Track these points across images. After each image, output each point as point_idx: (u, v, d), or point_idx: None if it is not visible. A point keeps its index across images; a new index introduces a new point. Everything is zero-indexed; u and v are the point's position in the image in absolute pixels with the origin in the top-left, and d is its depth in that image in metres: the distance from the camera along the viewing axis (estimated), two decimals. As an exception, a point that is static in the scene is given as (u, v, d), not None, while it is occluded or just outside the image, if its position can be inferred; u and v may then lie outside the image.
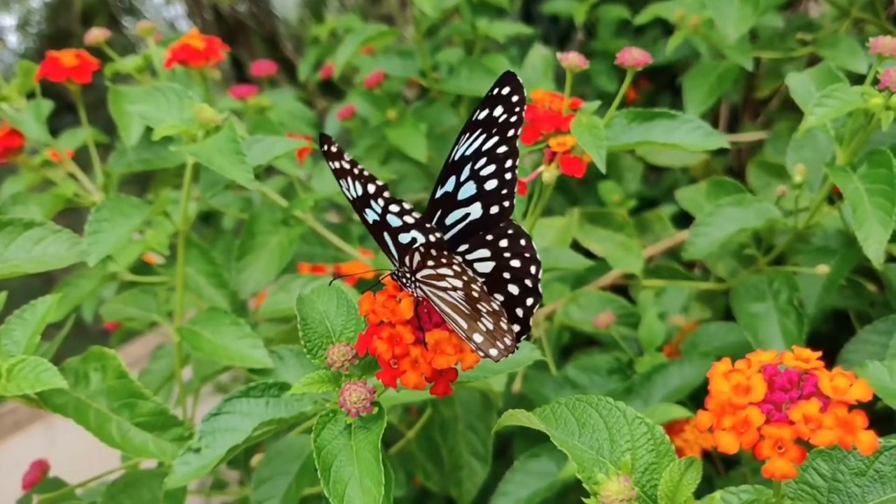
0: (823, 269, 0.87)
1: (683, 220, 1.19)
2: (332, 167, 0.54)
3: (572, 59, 0.75)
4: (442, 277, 0.53)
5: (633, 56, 0.74)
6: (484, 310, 0.53)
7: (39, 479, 0.90)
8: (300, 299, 0.62)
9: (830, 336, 1.21)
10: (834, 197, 0.90)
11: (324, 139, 0.53)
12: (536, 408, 0.53)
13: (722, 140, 0.78)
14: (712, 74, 1.15)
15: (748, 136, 1.43)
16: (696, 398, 0.99)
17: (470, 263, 0.57)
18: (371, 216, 0.55)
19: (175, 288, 0.89)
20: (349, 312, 0.61)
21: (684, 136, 0.79)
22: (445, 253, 0.52)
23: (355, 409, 0.54)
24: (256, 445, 0.89)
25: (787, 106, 1.52)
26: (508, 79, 0.57)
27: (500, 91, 0.57)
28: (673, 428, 0.91)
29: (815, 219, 0.87)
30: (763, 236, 0.98)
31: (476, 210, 0.58)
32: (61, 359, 0.75)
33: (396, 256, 0.56)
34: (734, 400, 0.42)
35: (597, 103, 0.80)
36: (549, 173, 0.77)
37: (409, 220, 0.54)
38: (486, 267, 0.57)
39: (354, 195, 0.55)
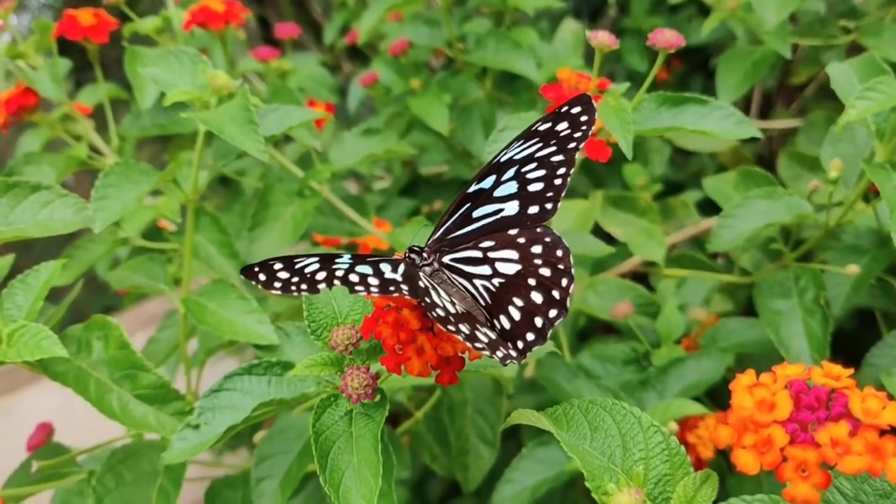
0: (853, 269, 0.84)
1: (709, 206, 1.15)
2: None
3: (602, 39, 0.71)
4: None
5: (666, 38, 0.70)
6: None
7: (44, 441, 0.89)
8: (307, 278, 0.60)
9: (853, 334, 1.18)
10: (869, 194, 0.86)
11: (584, 102, 0.55)
12: (547, 408, 0.51)
13: (753, 129, 0.75)
14: (748, 60, 1.10)
15: (781, 123, 1.39)
16: (713, 394, 0.97)
17: (492, 261, 0.55)
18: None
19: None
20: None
21: (715, 124, 0.75)
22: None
23: (356, 395, 0.52)
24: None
25: (823, 93, 1.47)
26: (582, 100, 0.56)
27: (569, 110, 0.56)
28: (687, 423, 0.88)
29: (848, 216, 0.84)
30: (791, 230, 0.95)
31: (512, 207, 0.56)
32: (83, 317, 0.74)
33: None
34: (757, 417, 0.39)
35: (625, 85, 0.77)
36: (572, 157, 0.74)
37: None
38: (511, 268, 0.55)
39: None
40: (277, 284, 0.50)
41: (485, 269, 0.55)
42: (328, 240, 1.20)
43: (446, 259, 0.56)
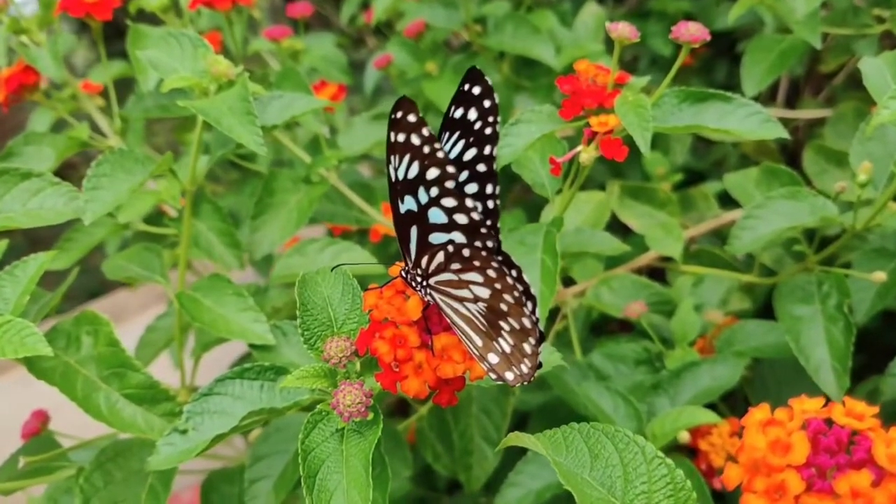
0: (880, 276, 0.80)
1: (730, 198, 1.11)
2: (394, 139, 0.46)
3: (622, 31, 0.67)
4: (464, 285, 0.47)
5: (690, 31, 0.66)
6: (507, 327, 0.47)
7: (38, 430, 0.87)
8: (302, 281, 0.57)
9: (877, 334, 1.14)
10: (898, 197, 0.82)
11: (403, 104, 0.45)
12: (546, 430, 0.48)
13: (779, 130, 0.71)
14: (774, 50, 1.06)
15: (808, 113, 1.34)
16: (728, 398, 0.94)
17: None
18: (408, 205, 0.48)
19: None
20: (354, 301, 0.56)
21: (739, 123, 0.71)
22: (483, 255, 0.46)
23: (348, 413, 0.49)
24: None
25: (853, 82, 1.42)
26: (476, 77, 0.49)
27: (470, 89, 0.49)
28: (699, 430, 0.85)
29: (877, 220, 0.80)
30: (816, 231, 0.91)
31: (458, 237, 0.49)
32: (103, 289, 0.72)
33: (413, 255, 0.49)
34: (770, 459, 0.36)
35: (645, 79, 0.73)
36: (586, 154, 0.70)
37: (460, 219, 0.47)
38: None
39: (402, 176, 0.47)
40: (401, 138, 0.45)
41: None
42: (337, 228, 1.17)
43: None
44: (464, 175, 0.50)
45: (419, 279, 0.49)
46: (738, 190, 1.00)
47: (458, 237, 0.48)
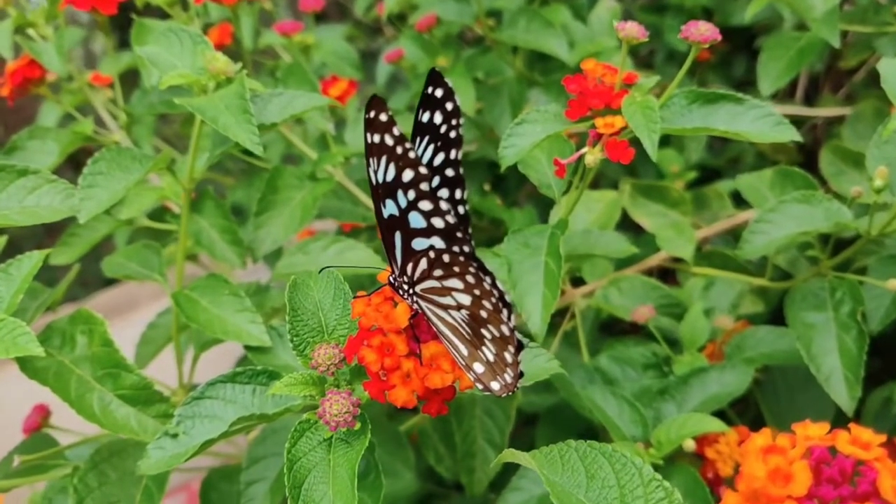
0: (895, 284, 0.78)
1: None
2: (370, 140, 0.46)
3: (629, 30, 0.65)
4: (447, 292, 0.46)
5: (700, 31, 0.64)
6: (488, 335, 0.45)
7: (39, 425, 0.87)
8: (293, 285, 0.56)
9: (893, 338, 1.12)
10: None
11: (374, 103, 0.45)
12: (543, 447, 0.46)
13: (792, 132, 0.68)
14: (793, 48, 1.03)
15: (827, 110, 1.31)
16: (738, 405, 0.92)
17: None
18: (390, 209, 0.47)
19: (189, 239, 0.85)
20: (346, 305, 0.55)
21: (750, 125, 0.69)
22: (461, 260, 0.45)
23: (335, 423, 0.48)
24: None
25: (873, 80, 1.39)
26: (436, 79, 0.49)
27: (432, 92, 0.49)
28: (707, 437, 0.83)
29: (893, 226, 0.77)
30: (830, 235, 0.88)
31: (438, 242, 0.49)
32: (110, 284, 0.71)
33: (399, 262, 0.49)
34: (770, 490, 0.34)
35: (654, 80, 0.71)
36: (591, 156, 0.69)
37: (437, 223, 0.46)
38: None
39: (381, 180, 0.46)
40: (375, 139, 0.45)
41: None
42: (347, 224, 1.16)
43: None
44: (436, 180, 0.50)
45: (406, 287, 0.48)
46: (750, 192, 0.97)
47: (438, 242, 0.48)
